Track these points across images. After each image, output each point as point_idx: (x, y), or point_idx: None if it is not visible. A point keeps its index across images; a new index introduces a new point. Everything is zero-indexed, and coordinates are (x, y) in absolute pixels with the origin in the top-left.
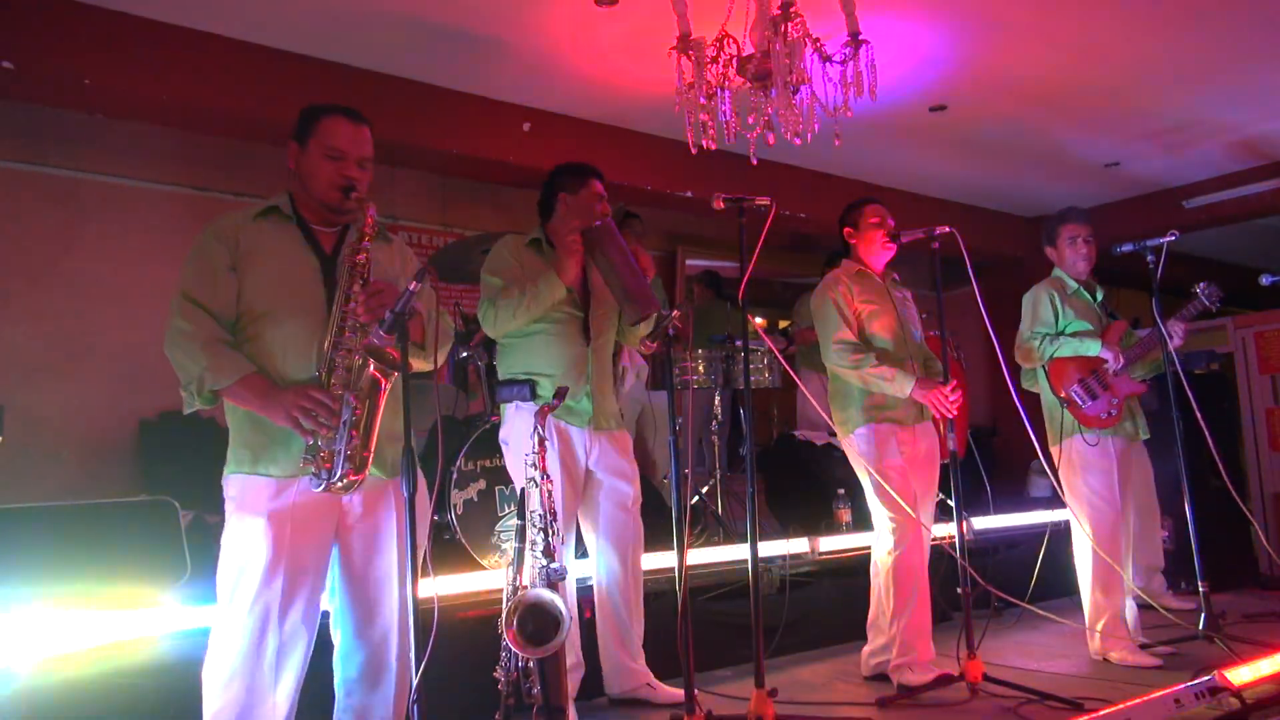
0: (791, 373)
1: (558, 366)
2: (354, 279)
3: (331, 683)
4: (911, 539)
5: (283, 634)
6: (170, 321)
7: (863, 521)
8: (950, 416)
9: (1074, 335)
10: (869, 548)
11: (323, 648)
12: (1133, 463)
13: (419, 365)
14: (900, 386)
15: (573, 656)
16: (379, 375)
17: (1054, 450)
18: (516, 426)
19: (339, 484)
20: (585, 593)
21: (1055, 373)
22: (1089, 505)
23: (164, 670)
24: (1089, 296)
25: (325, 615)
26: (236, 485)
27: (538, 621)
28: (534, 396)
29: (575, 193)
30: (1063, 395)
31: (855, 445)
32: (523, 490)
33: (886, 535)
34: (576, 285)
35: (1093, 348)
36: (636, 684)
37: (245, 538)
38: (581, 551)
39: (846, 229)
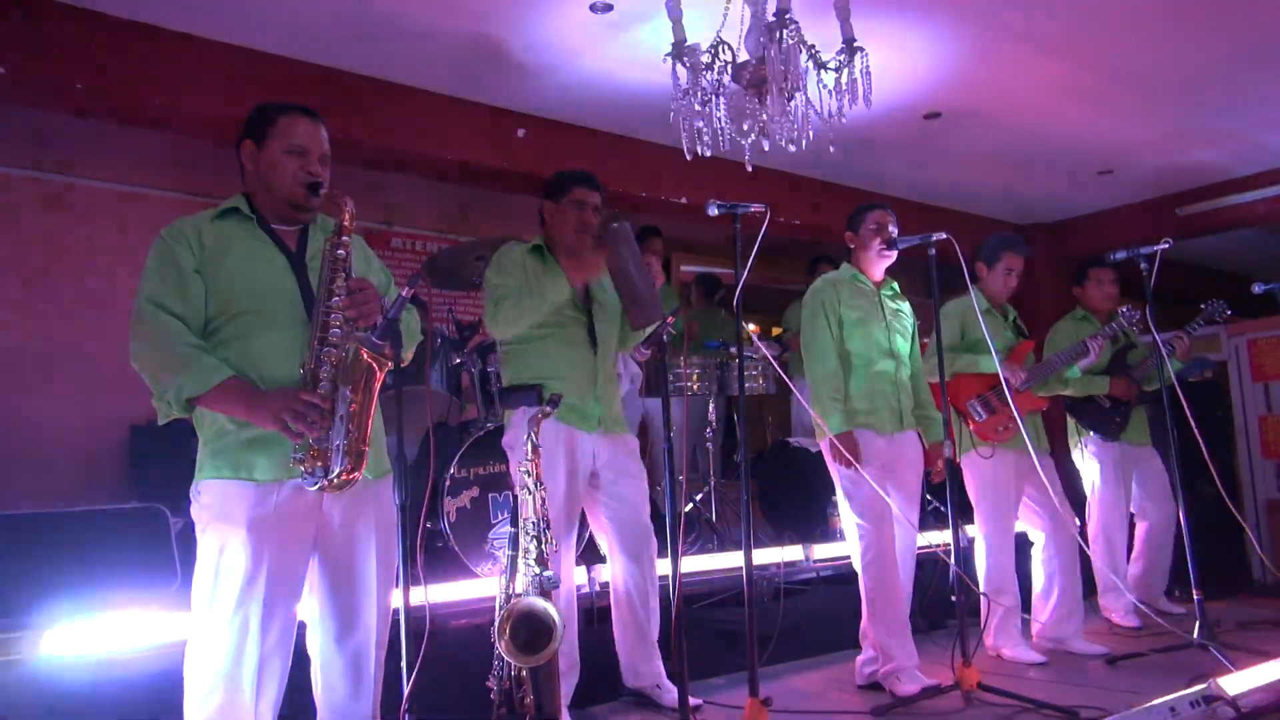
0: (786, 379)
1: (566, 371)
2: (336, 274)
3: (310, 694)
4: (881, 544)
5: (263, 646)
6: (136, 330)
7: None
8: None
9: (978, 352)
10: None
11: (301, 658)
12: (1034, 473)
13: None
14: (824, 428)
15: (566, 662)
16: (372, 362)
17: (959, 462)
18: (522, 433)
19: (336, 480)
20: (601, 595)
21: (956, 387)
22: (986, 514)
23: (152, 679)
24: (1000, 316)
25: (302, 626)
26: (213, 492)
27: (530, 630)
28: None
29: (557, 201)
30: (961, 409)
31: (830, 447)
32: (516, 497)
33: (854, 541)
34: (580, 289)
35: (989, 364)
36: (647, 684)
37: (224, 548)
38: (600, 556)
39: (848, 233)
